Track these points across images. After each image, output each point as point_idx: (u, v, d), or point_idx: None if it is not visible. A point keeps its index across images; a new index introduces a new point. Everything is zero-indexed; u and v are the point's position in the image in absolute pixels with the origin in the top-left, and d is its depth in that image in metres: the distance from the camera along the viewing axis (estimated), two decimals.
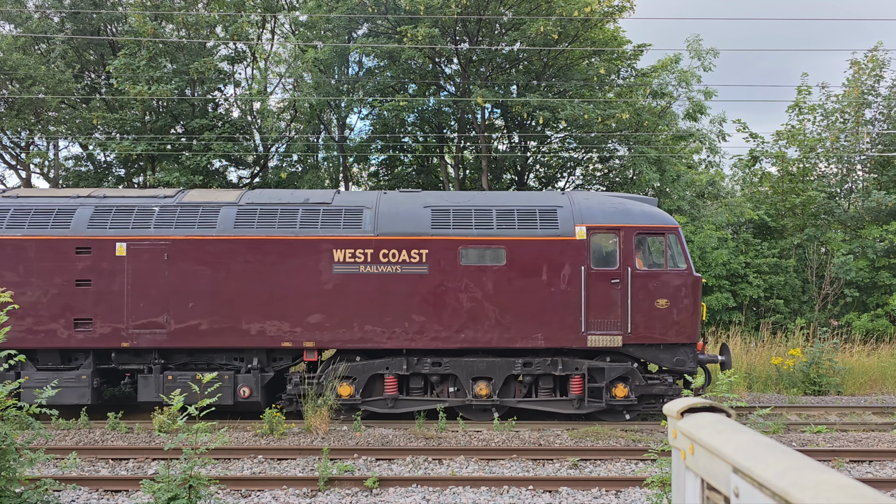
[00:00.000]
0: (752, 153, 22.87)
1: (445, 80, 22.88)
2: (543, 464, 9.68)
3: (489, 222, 11.80)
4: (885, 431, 11.79)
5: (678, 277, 11.69)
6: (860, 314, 19.32)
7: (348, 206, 12.02)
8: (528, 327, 11.60)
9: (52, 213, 11.89)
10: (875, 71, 21.29)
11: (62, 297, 11.64)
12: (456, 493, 8.29)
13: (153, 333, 11.62)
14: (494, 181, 22.76)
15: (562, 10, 19.23)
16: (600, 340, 11.57)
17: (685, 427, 1.40)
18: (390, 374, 11.85)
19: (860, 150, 21.25)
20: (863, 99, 21.31)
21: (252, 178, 22.59)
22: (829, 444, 10.67)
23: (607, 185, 23.42)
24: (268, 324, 11.61)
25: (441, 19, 19.26)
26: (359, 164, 25.46)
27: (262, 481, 8.60)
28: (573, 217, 11.78)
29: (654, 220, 11.95)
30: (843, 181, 22.55)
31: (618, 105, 20.16)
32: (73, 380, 11.66)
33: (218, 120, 20.42)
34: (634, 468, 9.46)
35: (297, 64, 20.64)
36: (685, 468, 1.38)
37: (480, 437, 10.99)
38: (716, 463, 1.22)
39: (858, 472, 9.31)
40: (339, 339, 11.69)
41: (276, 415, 11.12)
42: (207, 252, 11.63)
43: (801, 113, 22.13)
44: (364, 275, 11.60)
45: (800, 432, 11.62)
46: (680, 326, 11.64)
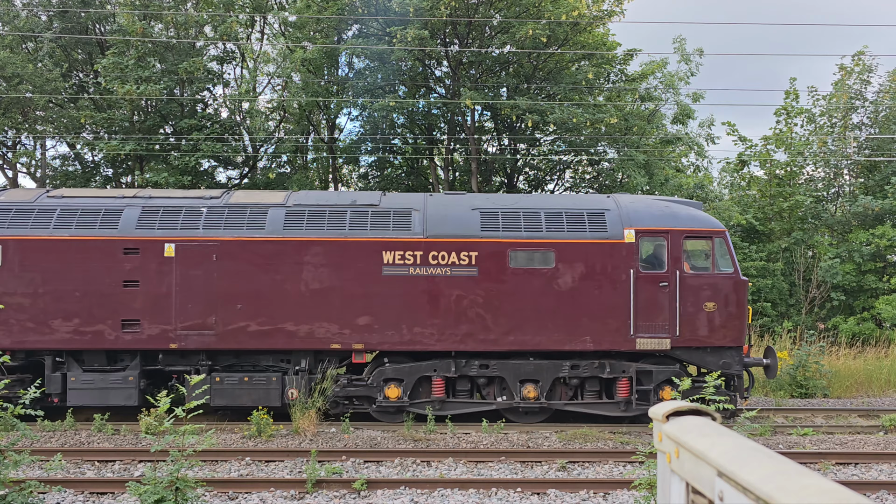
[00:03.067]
0: (741, 157, 23.01)
1: (435, 82, 22.89)
2: (532, 466, 9.68)
3: (538, 225, 11.78)
4: (870, 434, 11.87)
5: (726, 281, 11.70)
6: (847, 317, 19.46)
7: (396, 208, 11.97)
8: (577, 330, 11.57)
9: (100, 214, 11.80)
10: (862, 75, 21.46)
11: (110, 298, 11.51)
12: (444, 495, 8.28)
13: (201, 335, 11.53)
14: (484, 183, 22.78)
15: (550, 14, 19.29)
16: (649, 343, 11.55)
17: (670, 430, 1.40)
18: (438, 376, 11.82)
19: (847, 155, 21.42)
20: (850, 103, 21.48)
21: (241, 178, 22.51)
22: (816, 447, 10.73)
23: (596, 188, 23.50)
24: (317, 325, 11.55)
25: (430, 21, 19.27)
26: (348, 166, 25.44)
27: (250, 483, 8.55)
28: (621, 220, 11.79)
29: (702, 224, 11.97)
30: (831, 185, 22.73)
31: (607, 109, 20.23)
32: (120, 381, 11.57)
33: (207, 120, 20.34)
34: (622, 470, 9.47)
35: (286, 64, 20.58)
36: (670, 471, 1.38)
37: (469, 440, 10.98)
38: (701, 466, 1.22)
39: (844, 475, 9.36)
40: (388, 342, 11.62)
41: (263, 416, 11.07)
42: (256, 253, 11.57)
43: (789, 117, 22.28)
44: (413, 277, 11.57)
45: (786, 435, 11.68)
46: (727, 330, 11.65)
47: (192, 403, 6.77)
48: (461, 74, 21.50)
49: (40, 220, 11.72)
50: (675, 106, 22.83)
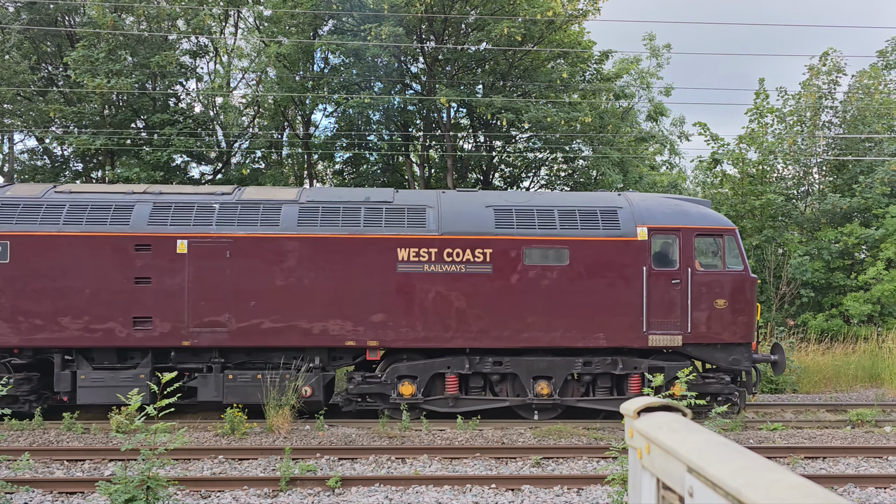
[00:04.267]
0: (714, 155, 23.26)
1: (411, 79, 22.84)
2: (506, 462, 9.71)
3: (552, 222, 11.82)
4: (838, 428, 12.09)
5: (736, 278, 11.85)
6: (815, 314, 19.78)
7: (410, 205, 11.95)
8: (590, 327, 11.64)
9: (110, 210, 11.61)
10: (830, 76, 21.80)
11: (121, 295, 11.35)
12: (419, 492, 8.27)
13: (214, 332, 11.41)
14: (459, 180, 22.80)
15: (525, 13, 19.33)
16: (661, 340, 11.65)
17: (641, 427, 1.41)
18: (452, 373, 11.82)
19: (816, 154, 21.75)
20: (819, 103, 21.81)
21: (214, 174, 22.27)
22: (785, 442, 10.90)
23: (571, 186, 23.64)
24: (331, 323, 11.48)
25: (406, 18, 19.21)
26: (323, 162, 25.29)
27: (223, 482, 8.48)
28: (634, 218, 11.86)
29: (712, 222, 12.12)
30: (800, 184, 23.06)
31: (581, 108, 20.35)
32: (131, 379, 11.40)
33: (179, 115, 20.09)
34: (596, 466, 9.55)
35: (260, 59, 20.39)
36: (641, 467, 1.39)
37: (444, 436, 10.99)
38: (671, 462, 1.23)
39: (813, 469, 9.53)
40: (403, 339, 11.58)
41: (237, 414, 10.98)
42: (270, 250, 11.47)
43: (760, 116, 22.57)
44: (428, 274, 11.55)
45: (757, 430, 11.85)
46: (737, 326, 11.80)
47: (162, 402, 6.69)
48: (437, 71, 21.48)
49: (49, 215, 11.53)
50: (648, 104, 23.05)
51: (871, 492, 8.49)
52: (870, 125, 21.11)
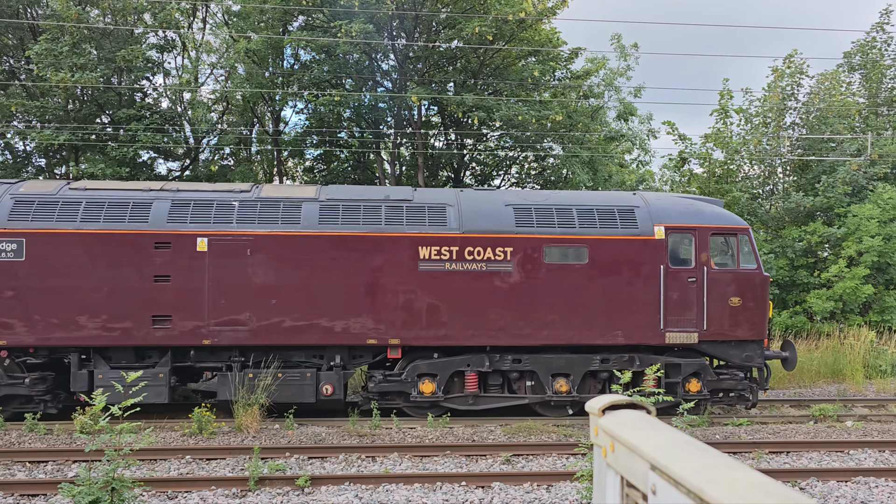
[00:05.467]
0: (681, 154, 23.55)
1: (382, 77, 22.76)
2: (477, 460, 9.73)
3: (571, 221, 11.91)
4: (801, 423, 12.32)
5: (750, 276, 12.08)
6: (780, 311, 20.13)
7: (431, 204, 11.96)
8: (609, 324, 11.77)
9: (128, 207, 11.44)
10: (794, 77, 22.19)
11: (140, 293, 11.22)
12: (389, 490, 8.26)
13: (235, 331, 11.32)
14: (430, 178, 22.79)
15: (497, 12, 19.37)
16: (677, 337, 11.83)
17: (606, 424, 1.42)
18: (472, 370, 11.82)
19: (781, 154, 22.14)
20: (783, 104, 22.19)
21: (182, 170, 21.97)
22: (751, 437, 11.08)
23: (542, 184, 23.76)
24: (352, 321, 11.45)
25: (377, 15, 19.13)
26: (293, 159, 25.10)
27: (190, 482, 8.37)
28: (651, 217, 12.03)
29: (727, 221, 12.34)
30: (765, 183, 23.45)
31: (552, 106, 20.45)
32: (151, 378, 11.16)
33: (146, 110, 19.76)
34: (566, 462, 9.61)
35: (229, 54, 20.15)
36: (606, 465, 1.40)
37: (414, 434, 10.99)
38: (635, 460, 1.24)
39: (777, 463, 9.70)
40: (424, 336, 11.60)
41: (205, 414, 10.85)
42: (291, 248, 11.41)
43: (726, 116, 22.90)
44: (449, 272, 11.59)
45: (723, 425, 12.03)
46: (750, 324, 12.03)
47: (128, 402, 6.59)
48: (408, 69, 21.43)
49: (66, 212, 11.33)
50: (618, 103, 23.26)
51: (833, 485, 8.67)
52: (831, 126, 21.54)
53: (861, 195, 20.93)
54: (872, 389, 15.82)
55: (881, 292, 19.80)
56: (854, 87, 23.88)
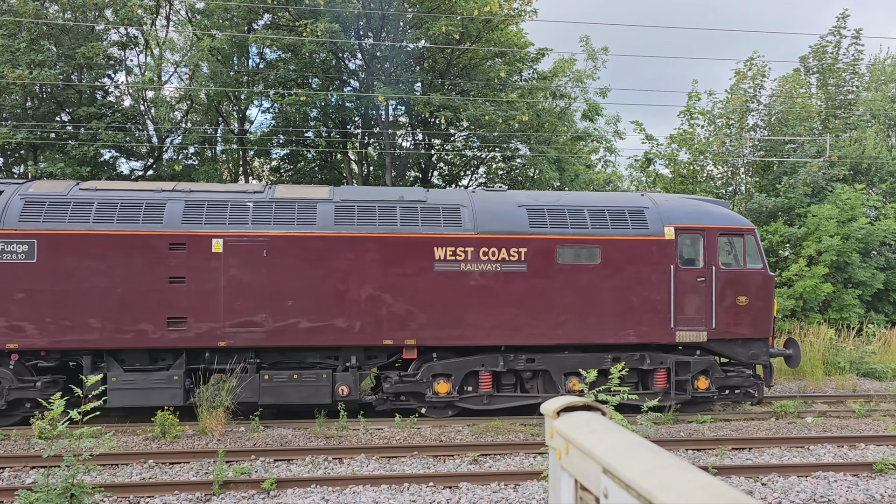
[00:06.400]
0: (647, 155, 23.82)
1: (349, 76, 22.64)
2: (444, 460, 9.73)
3: (583, 222, 12.02)
4: (763, 420, 12.54)
5: (756, 275, 12.32)
6: None
7: (445, 204, 11.98)
8: (621, 324, 11.91)
9: (142, 208, 11.27)
10: (756, 79, 22.60)
11: (154, 295, 11.05)
12: (356, 492, 8.21)
13: (250, 332, 11.21)
14: (398, 178, 22.73)
15: (462, 10, 19.40)
16: (687, 336, 12.03)
17: (560, 427, 1.42)
18: (486, 370, 11.86)
19: (743, 155, 22.52)
20: (745, 106, 22.58)
21: (145, 170, 21.61)
22: (714, 434, 11.25)
23: (509, 184, 23.85)
24: (369, 321, 11.42)
25: (343, 14, 19.02)
26: (259, 158, 24.86)
27: (153, 487, 8.23)
28: (660, 217, 12.19)
29: (734, 222, 12.56)
30: (729, 183, 23.84)
31: (519, 106, 20.54)
32: (165, 381, 11.10)
33: (107, 108, 19.39)
34: (533, 462, 9.65)
35: (193, 52, 19.86)
36: (561, 468, 1.39)
37: (382, 435, 10.94)
38: (588, 463, 1.23)
39: (740, 459, 9.86)
40: (440, 337, 11.61)
41: (168, 417, 10.68)
42: (308, 249, 11.34)
43: (691, 118, 23.23)
44: (464, 272, 11.62)
45: (687, 423, 12.19)
46: (757, 322, 12.28)
47: (88, 406, 6.46)
48: (375, 69, 21.35)
49: (78, 213, 11.11)
50: (584, 103, 23.45)
51: (794, 480, 8.84)
52: (792, 128, 21.97)
53: (820, 196, 21.39)
54: (831, 386, 16.16)
55: (839, 291, 20.25)
56: (812, 90, 24.40)
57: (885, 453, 10.17)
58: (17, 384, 11.09)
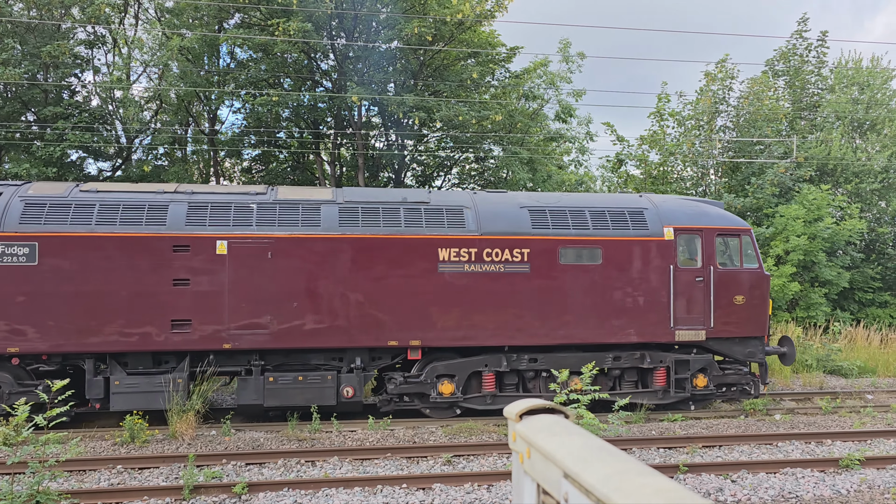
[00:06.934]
0: (618, 156, 24.02)
1: (321, 76, 22.52)
2: (418, 461, 9.71)
3: (585, 223, 12.11)
4: (733, 418, 12.71)
5: (752, 275, 12.55)
6: None
7: (448, 206, 12.00)
8: (622, 323, 12.03)
9: (144, 210, 11.11)
10: (725, 82, 22.92)
11: (158, 298, 10.91)
12: (329, 494, 8.16)
13: (255, 334, 11.11)
14: (371, 179, 22.66)
15: (436, 13, 19.40)
16: (686, 335, 12.19)
17: (522, 430, 1.42)
18: (489, 370, 11.88)
19: (713, 156, 22.82)
20: (714, 108, 22.89)
21: (113, 170, 21.29)
22: (685, 432, 11.37)
23: (482, 184, 23.89)
24: (374, 322, 11.40)
25: (315, 14, 18.91)
26: (231, 159, 24.62)
27: (121, 493, 8.10)
28: (660, 218, 12.34)
29: (731, 222, 12.78)
30: (699, 184, 24.14)
31: (491, 107, 20.58)
32: (169, 384, 10.92)
33: (74, 108, 19.07)
34: (506, 462, 9.68)
35: (162, 52, 19.60)
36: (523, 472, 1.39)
37: (355, 437, 10.89)
38: (549, 467, 1.23)
39: (710, 457, 9.98)
40: (444, 338, 11.62)
41: (137, 421, 10.52)
42: (312, 250, 11.28)
43: (661, 119, 23.47)
44: (468, 273, 11.63)
45: (658, 421, 12.30)
46: (753, 321, 12.50)
47: (54, 411, 6.35)
48: (348, 69, 21.26)
49: (80, 215, 10.93)
50: (557, 104, 23.58)
51: (763, 477, 8.97)
52: (760, 129, 22.31)
53: (788, 196, 21.75)
54: (799, 383, 16.43)
55: (807, 289, 20.60)
56: (780, 92, 24.81)
57: (850, 449, 10.36)
58: (18, 388, 10.95)
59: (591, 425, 8.58)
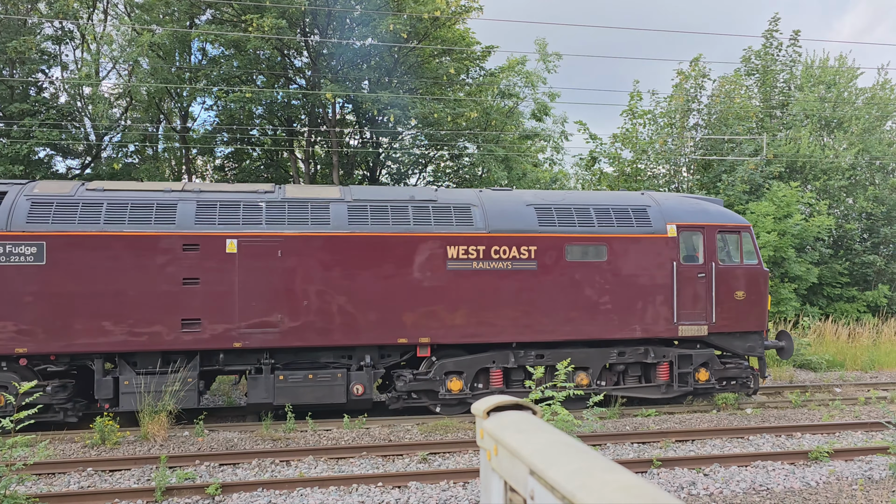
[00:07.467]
0: (592, 154, 24.17)
1: (295, 73, 22.35)
2: (393, 459, 9.69)
3: (590, 220, 12.23)
4: (705, 412, 12.85)
5: (752, 271, 12.79)
6: None
7: (456, 204, 12.05)
8: (627, 319, 12.17)
9: (153, 208, 11.04)
10: (697, 80, 23.15)
11: (168, 297, 10.85)
12: (304, 494, 8.11)
13: (265, 333, 11.11)
14: (346, 177, 22.55)
15: (412, 10, 19.34)
16: (689, 330, 12.40)
17: (489, 427, 1.41)
18: (497, 367, 11.95)
19: (685, 154, 23.05)
20: (687, 106, 23.12)
21: (83, 168, 20.94)
22: (658, 426, 11.48)
23: (457, 182, 23.90)
24: (384, 320, 11.42)
25: (289, 10, 18.76)
26: (203, 157, 24.35)
27: (92, 496, 7.98)
28: (663, 216, 12.51)
29: (731, 220, 12.97)
30: (671, 181, 24.37)
31: (466, 104, 20.59)
32: (179, 383, 10.82)
33: (42, 105, 18.73)
34: None
35: (132, 48, 19.31)
36: (491, 469, 1.39)
37: (330, 436, 10.84)
38: (516, 464, 1.23)
39: (683, 451, 10.08)
40: (453, 335, 11.67)
41: (108, 423, 10.37)
42: (322, 249, 11.30)
43: (634, 117, 23.65)
44: (476, 271, 11.70)
45: (632, 416, 12.41)
46: (753, 316, 12.74)
47: (21, 414, 6.23)
48: (322, 66, 21.12)
49: (87, 214, 10.83)
50: (532, 103, 23.65)
51: (735, 470, 9.09)
52: (731, 127, 22.57)
53: (758, 193, 22.04)
54: (769, 377, 16.68)
55: (777, 285, 20.90)
56: (752, 91, 25.12)
57: (819, 442, 10.54)
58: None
59: (566, 421, 8.62)
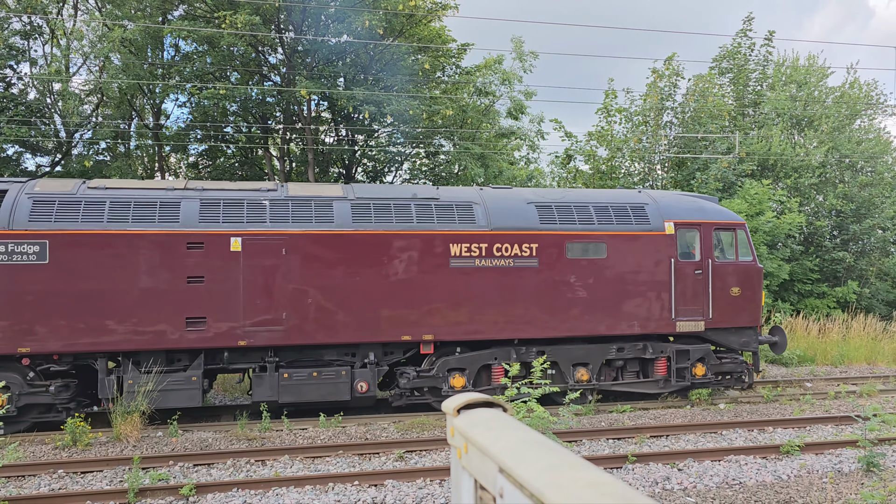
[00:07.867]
0: (567, 152, 24.29)
1: (269, 70, 22.18)
2: (370, 458, 9.67)
3: (590, 218, 12.41)
4: (680, 408, 12.99)
5: (747, 268, 13.06)
6: None
7: (458, 202, 12.15)
8: (626, 315, 12.37)
9: (156, 207, 11.00)
10: (672, 79, 23.36)
11: (172, 295, 10.84)
12: (279, 494, 8.07)
13: (270, 331, 11.13)
14: (321, 174, 22.44)
15: (386, 5, 19.28)
16: (687, 326, 12.64)
17: (460, 425, 1.41)
18: (499, 363, 12.05)
19: (660, 152, 23.25)
20: (661, 104, 23.32)
21: (52, 165, 20.60)
22: (633, 422, 11.58)
23: (433, 180, 23.88)
24: (387, 318, 11.49)
25: (263, 6, 18.60)
26: (176, 154, 24.07)
27: (63, 498, 7.86)
28: (661, 213, 12.72)
29: (727, 217, 13.23)
30: (646, 179, 24.57)
31: (442, 101, 20.57)
32: (183, 382, 10.80)
33: (10, 101, 18.38)
34: None
35: (103, 44, 19.01)
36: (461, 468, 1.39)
37: (306, 435, 10.79)
38: (485, 462, 1.23)
39: (658, 446, 10.19)
40: (456, 332, 11.76)
41: (79, 424, 10.22)
42: (327, 246, 11.34)
43: (609, 115, 23.80)
44: (479, 268, 11.81)
45: (608, 412, 12.51)
46: (748, 312, 13.01)
47: None
48: (297, 63, 20.98)
49: (90, 213, 10.76)
50: (509, 101, 23.70)
51: (708, 464, 9.20)
52: (704, 126, 22.81)
53: (731, 191, 22.31)
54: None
55: None
56: (724, 90, 25.40)
57: (791, 436, 10.70)
58: (28, 389, 10.70)
59: (541, 418, 8.66)
